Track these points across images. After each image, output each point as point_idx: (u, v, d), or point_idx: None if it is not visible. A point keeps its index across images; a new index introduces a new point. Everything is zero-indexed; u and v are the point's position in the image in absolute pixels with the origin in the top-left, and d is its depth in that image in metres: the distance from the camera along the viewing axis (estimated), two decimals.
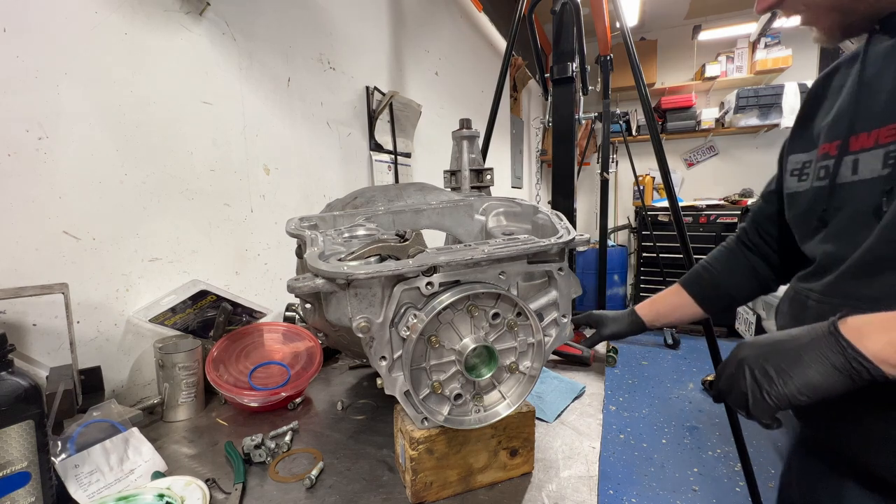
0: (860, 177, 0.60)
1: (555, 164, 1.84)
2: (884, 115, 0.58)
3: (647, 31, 5.11)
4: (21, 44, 0.82)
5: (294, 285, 0.57)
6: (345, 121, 1.72)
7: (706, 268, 0.95)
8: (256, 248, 1.34)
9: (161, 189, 1.06)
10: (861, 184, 0.60)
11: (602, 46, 2.87)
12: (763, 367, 0.55)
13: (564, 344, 1.17)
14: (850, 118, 0.63)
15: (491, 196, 1.04)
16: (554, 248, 0.63)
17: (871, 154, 0.59)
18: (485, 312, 0.60)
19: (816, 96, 0.74)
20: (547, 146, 4.38)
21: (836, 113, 0.67)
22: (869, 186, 0.59)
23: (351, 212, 0.90)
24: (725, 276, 0.92)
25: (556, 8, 1.75)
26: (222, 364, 0.98)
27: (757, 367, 0.56)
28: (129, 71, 0.99)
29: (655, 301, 1.01)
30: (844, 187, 0.63)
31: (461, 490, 0.67)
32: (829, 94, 0.71)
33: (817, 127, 0.71)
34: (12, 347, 0.57)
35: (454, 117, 1.53)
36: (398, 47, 2.11)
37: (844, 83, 0.68)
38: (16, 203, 0.82)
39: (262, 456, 0.76)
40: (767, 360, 0.55)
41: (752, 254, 0.90)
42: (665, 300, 0.99)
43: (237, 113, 1.27)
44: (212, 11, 1.17)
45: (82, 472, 0.68)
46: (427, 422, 0.63)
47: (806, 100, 0.77)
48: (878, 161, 0.58)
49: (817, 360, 0.52)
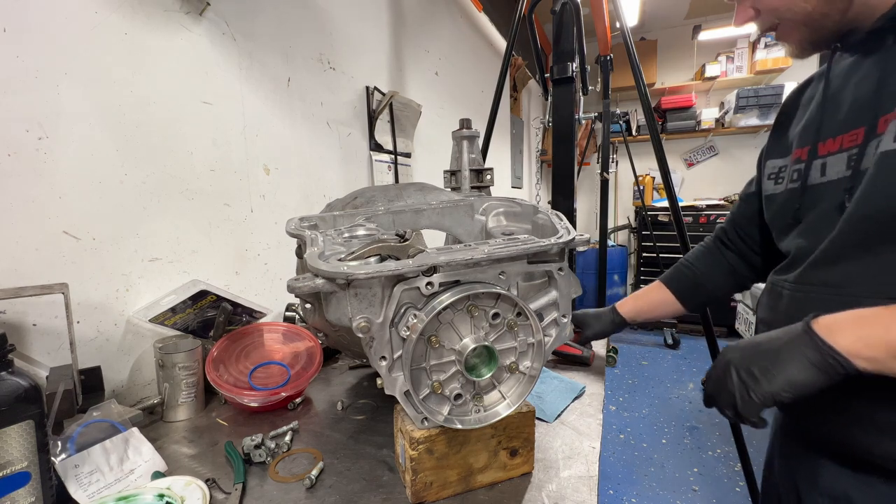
0: (828, 178, 0.67)
1: (555, 164, 1.84)
2: (846, 123, 0.65)
3: (647, 31, 5.11)
4: (21, 44, 0.82)
5: (294, 285, 0.57)
6: (345, 121, 1.72)
7: (687, 266, 1.00)
8: (256, 248, 1.34)
9: (161, 189, 1.06)
10: (829, 184, 0.66)
11: (602, 46, 2.87)
12: (748, 368, 0.59)
13: (565, 344, 1.17)
14: (818, 126, 0.69)
15: (491, 196, 1.04)
16: (554, 248, 0.63)
17: (837, 157, 0.65)
18: (485, 312, 0.60)
19: (791, 107, 0.81)
20: (547, 146, 4.38)
21: (805, 122, 0.74)
22: (835, 186, 0.65)
23: (351, 212, 0.90)
24: (705, 274, 0.97)
25: (556, 8, 1.74)
26: (222, 364, 0.98)
27: (742, 368, 0.59)
28: (129, 71, 0.99)
29: (638, 298, 1.05)
30: (815, 188, 0.69)
31: (461, 490, 0.67)
32: (801, 105, 0.78)
33: (791, 134, 0.77)
34: (12, 347, 0.57)
35: (454, 117, 1.53)
36: (398, 47, 2.11)
37: (814, 95, 0.74)
38: (16, 203, 0.82)
39: (262, 456, 0.76)
40: (751, 362, 0.59)
41: (730, 252, 0.95)
42: (647, 297, 1.04)
43: (237, 113, 1.27)
44: (212, 11, 1.17)
45: (82, 472, 0.68)
46: (427, 422, 0.63)
47: (782, 110, 0.84)
48: (842, 163, 0.64)
49: (796, 358, 0.55)
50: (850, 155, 0.63)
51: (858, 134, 0.62)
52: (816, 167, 0.69)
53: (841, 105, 0.67)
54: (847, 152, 0.63)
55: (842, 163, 0.64)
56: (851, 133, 0.63)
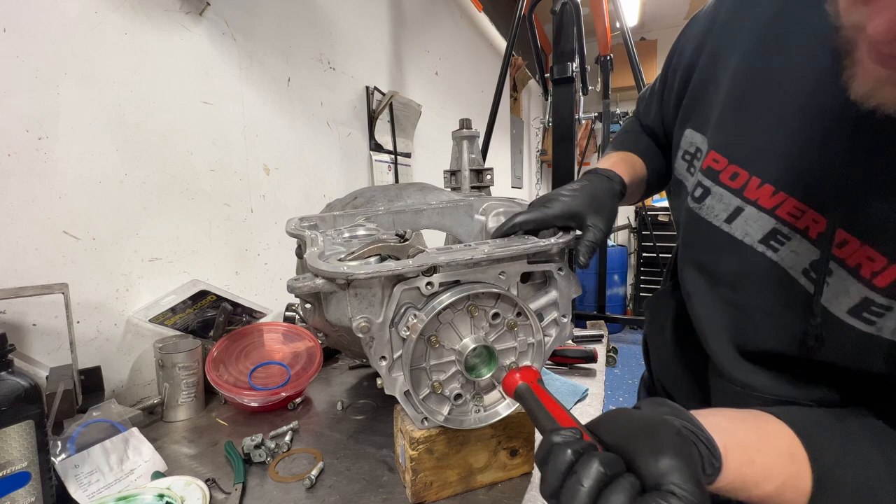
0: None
1: (555, 164, 1.84)
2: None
3: (647, 31, 5.11)
4: (21, 44, 0.82)
5: (294, 285, 0.57)
6: (345, 121, 1.72)
7: (635, 152, 0.79)
8: (256, 248, 1.34)
9: (161, 189, 1.06)
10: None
11: (602, 46, 2.88)
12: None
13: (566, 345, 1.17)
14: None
15: (491, 196, 1.04)
16: (554, 249, 0.63)
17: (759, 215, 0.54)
18: (485, 312, 0.60)
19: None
20: (547, 146, 4.38)
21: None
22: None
23: (351, 212, 0.90)
24: (651, 155, 0.80)
25: (556, 8, 1.75)
26: (222, 364, 0.98)
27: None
28: (129, 71, 0.99)
29: (627, 165, 0.74)
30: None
31: (461, 490, 0.67)
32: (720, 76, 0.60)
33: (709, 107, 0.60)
34: (12, 347, 0.57)
35: (454, 117, 1.53)
36: (398, 47, 2.11)
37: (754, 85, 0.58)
38: (16, 203, 0.82)
39: (262, 456, 0.76)
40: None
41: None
42: (635, 169, 0.75)
43: (237, 113, 1.27)
44: (212, 11, 1.17)
45: (82, 472, 0.68)
46: (427, 422, 0.63)
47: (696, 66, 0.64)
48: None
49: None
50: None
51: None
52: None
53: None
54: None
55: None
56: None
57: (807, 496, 0.39)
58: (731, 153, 0.53)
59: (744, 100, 0.53)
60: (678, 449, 0.33)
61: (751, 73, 0.52)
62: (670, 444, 0.33)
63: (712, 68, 0.58)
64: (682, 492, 0.30)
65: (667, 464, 0.31)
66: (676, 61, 0.67)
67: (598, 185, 0.67)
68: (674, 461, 0.31)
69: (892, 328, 0.41)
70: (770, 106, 0.50)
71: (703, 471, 0.35)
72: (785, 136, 0.48)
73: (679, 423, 0.37)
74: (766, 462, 0.40)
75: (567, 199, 0.63)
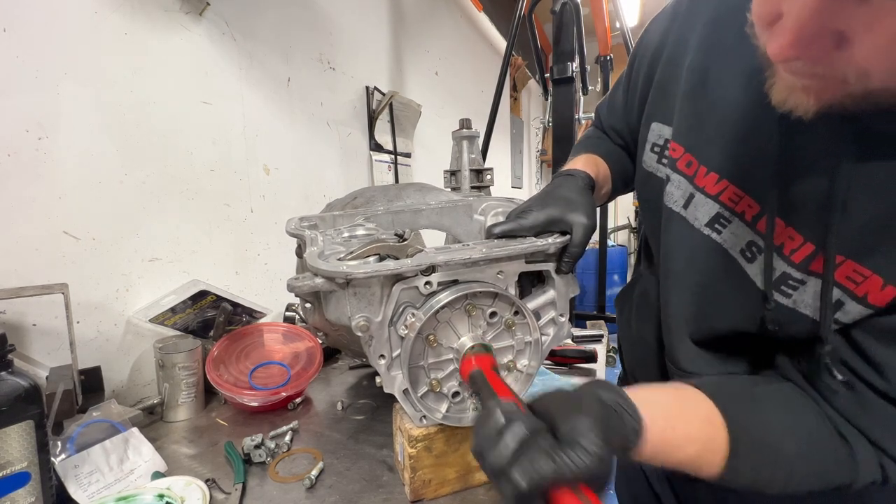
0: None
1: (555, 164, 1.84)
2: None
3: None
4: (21, 44, 0.82)
5: (294, 284, 0.57)
6: (345, 121, 1.73)
7: (596, 153, 0.78)
8: (256, 248, 1.34)
9: (161, 189, 1.07)
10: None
11: (602, 46, 2.88)
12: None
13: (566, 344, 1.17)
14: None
15: (490, 196, 1.04)
16: (552, 248, 0.63)
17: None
18: (482, 311, 0.61)
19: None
20: (547, 146, 4.38)
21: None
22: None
23: (351, 212, 0.91)
24: (615, 157, 0.79)
25: (556, 8, 1.75)
26: (222, 364, 0.98)
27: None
28: (129, 71, 0.99)
29: (594, 165, 0.75)
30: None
31: (460, 488, 0.67)
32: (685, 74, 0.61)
33: (671, 99, 0.61)
34: (12, 347, 0.57)
35: (454, 117, 1.53)
36: (398, 47, 2.11)
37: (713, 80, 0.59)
38: (16, 203, 0.82)
39: (262, 456, 0.76)
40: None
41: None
42: (601, 171, 0.76)
43: (237, 113, 1.27)
44: (212, 11, 1.17)
45: (82, 473, 0.68)
46: (425, 420, 0.63)
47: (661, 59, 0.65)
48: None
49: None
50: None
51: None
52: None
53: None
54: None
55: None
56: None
57: (724, 456, 0.44)
58: (687, 142, 0.57)
59: (695, 93, 0.57)
60: (593, 412, 0.38)
61: (700, 69, 0.56)
62: (587, 409, 0.38)
63: (674, 64, 0.61)
64: (588, 444, 0.35)
65: (578, 423, 0.37)
66: (639, 62, 0.69)
67: (563, 184, 0.68)
68: (586, 421, 0.37)
69: (806, 302, 0.46)
70: (714, 100, 0.54)
71: (627, 436, 0.40)
72: (727, 127, 0.53)
73: (606, 396, 0.41)
74: (686, 428, 0.44)
75: (537, 207, 0.64)
